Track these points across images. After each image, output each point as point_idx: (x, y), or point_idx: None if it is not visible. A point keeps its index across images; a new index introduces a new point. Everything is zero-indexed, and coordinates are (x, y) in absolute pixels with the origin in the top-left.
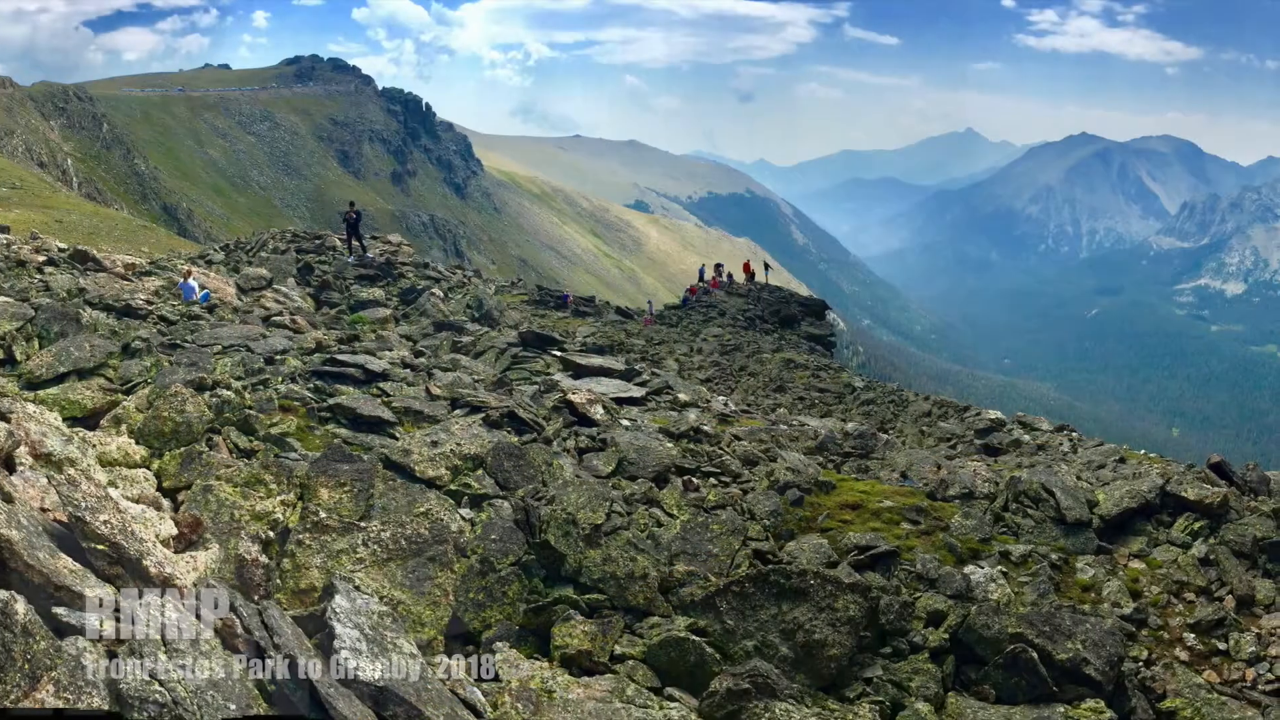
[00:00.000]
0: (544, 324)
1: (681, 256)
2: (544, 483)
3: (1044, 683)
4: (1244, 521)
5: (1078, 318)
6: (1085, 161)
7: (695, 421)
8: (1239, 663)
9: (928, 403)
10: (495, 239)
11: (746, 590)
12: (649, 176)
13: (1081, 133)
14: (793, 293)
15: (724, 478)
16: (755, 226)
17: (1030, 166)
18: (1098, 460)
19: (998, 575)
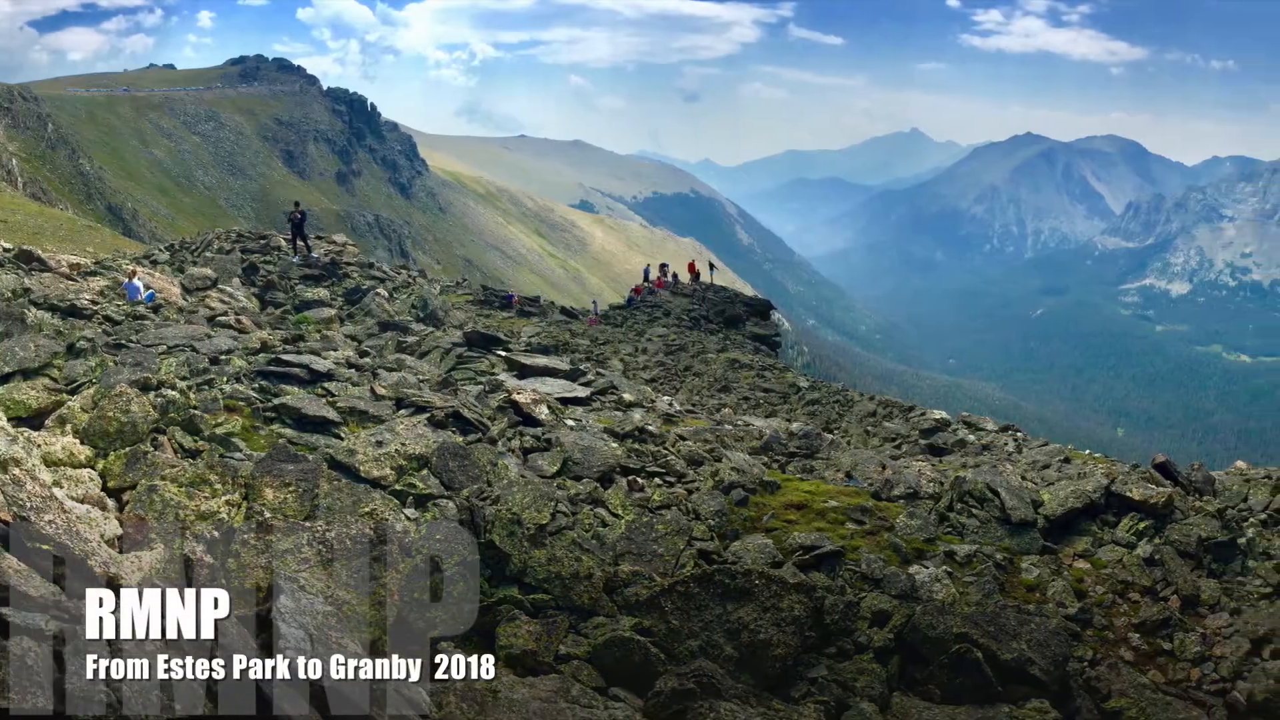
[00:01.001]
0: (489, 324)
1: (626, 256)
2: (489, 483)
3: (989, 683)
4: (1189, 521)
5: (1023, 318)
6: (1030, 161)
7: (640, 421)
8: (1184, 663)
9: (873, 403)
10: (440, 239)
11: (691, 590)
12: (594, 176)
13: (1026, 133)
14: (737, 293)
15: (669, 478)
16: (700, 226)
17: (975, 166)
18: (1043, 460)
19: (943, 575)
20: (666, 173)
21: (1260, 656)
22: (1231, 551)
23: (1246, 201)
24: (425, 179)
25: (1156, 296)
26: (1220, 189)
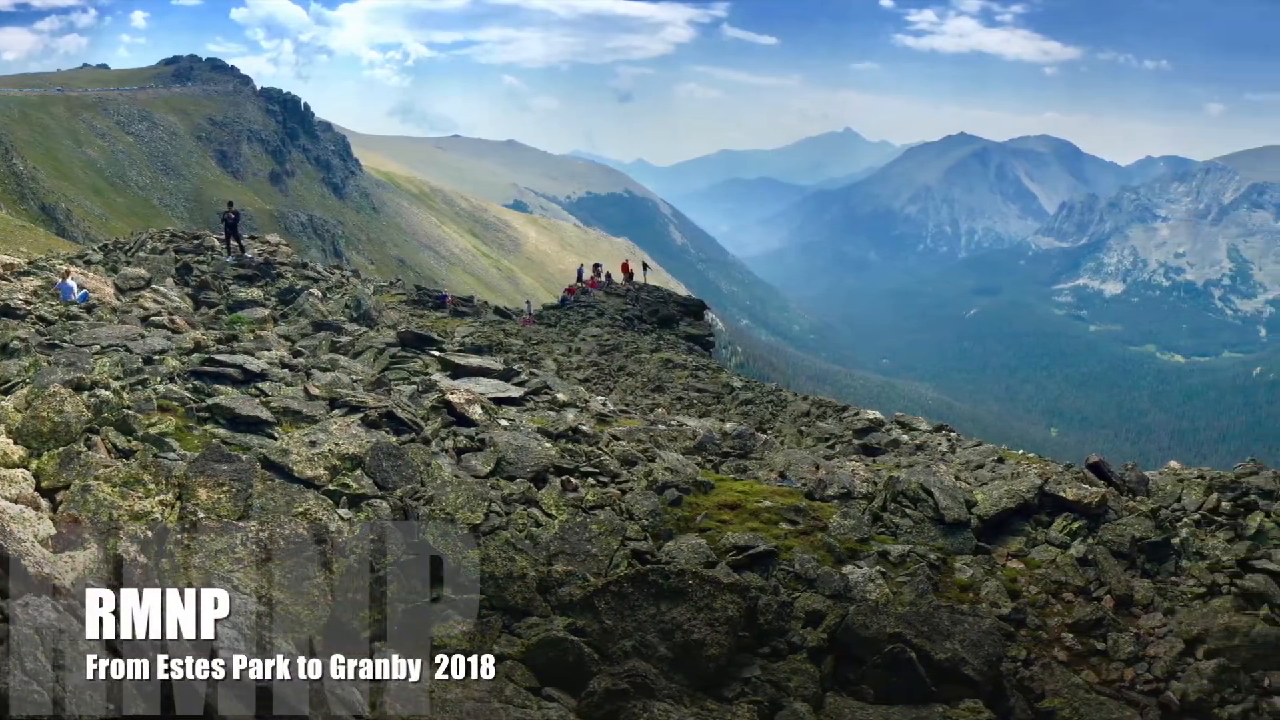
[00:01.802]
0: (422, 324)
1: (560, 256)
2: (422, 483)
3: (922, 682)
4: (1122, 521)
5: (956, 318)
6: (964, 161)
7: (574, 421)
8: (1118, 663)
9: (806, 403)
10: (374, 239)
11: (625, 590)
12: (528, 176)
13: (960, 133)
14: (671, 293)
15: (602, 478)
16: (634, 226)
17: (909, 166)
18: (976, 460)
19: (876, 575)
20: (601, 173)
21: (1194, 656)
22: (1165, 551)
23: (1180, 202)
24: (359, 179)
25: (1090, 296)
26: (1154, 189)
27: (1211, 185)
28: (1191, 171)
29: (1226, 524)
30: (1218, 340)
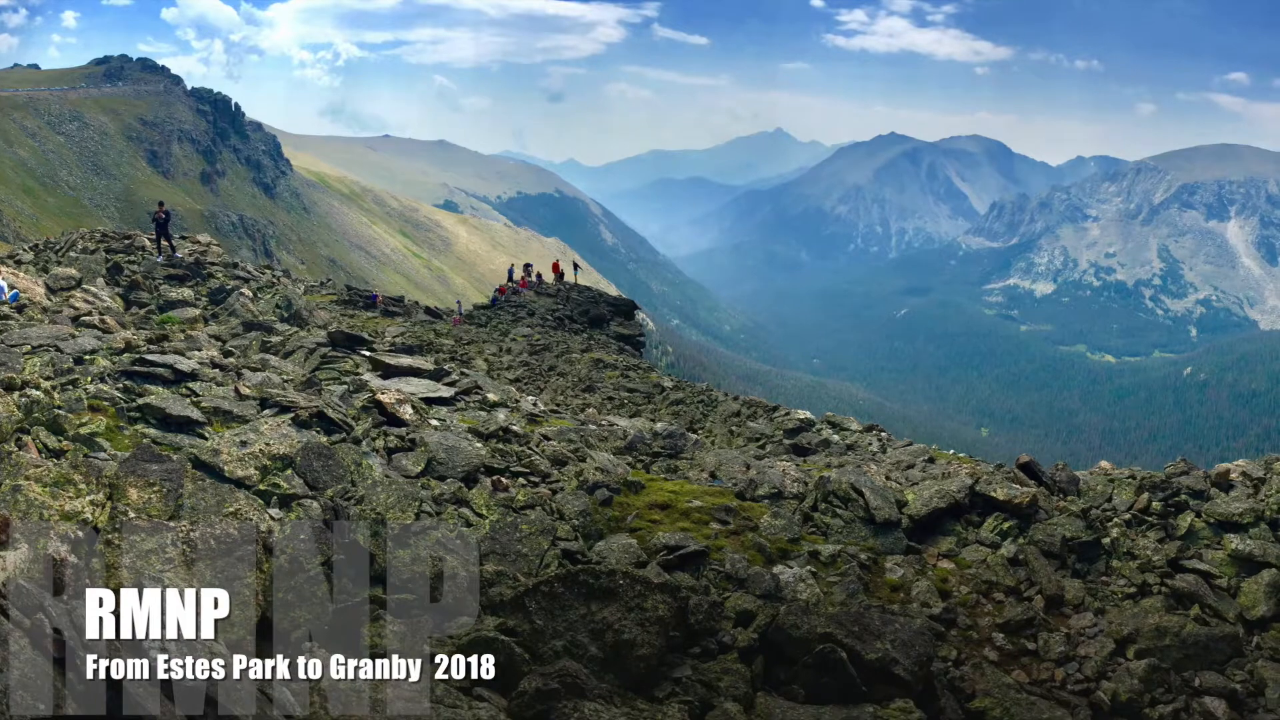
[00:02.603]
0: (353, 324)
1: (491, 256)
2: (353, 482)
3: (853, 682)
4: (1053, 521)
5: (887, 318)
6: (894, 161)
7: (504, 421)
8: (1048, 662)
9: (737, 403)
10: (305, 239)
11: (555, 590)
12: (458, 176)
13: (891, 133)
14: (602, 292)
15: (533, 478)
16: (565, 226)
17: (840, 166)
18: (907, 460)
19: (807, 575)
20: (531, 173)
21: (1124, 656)
22: (1096, 551)
23: (1110, 201)
24: (290, 179)
25: (1021, 296)
26: (1084, 189)
27: (1142, 185)
28: (1122, 171)
29: (1157, 524)
30: (1148, 340)
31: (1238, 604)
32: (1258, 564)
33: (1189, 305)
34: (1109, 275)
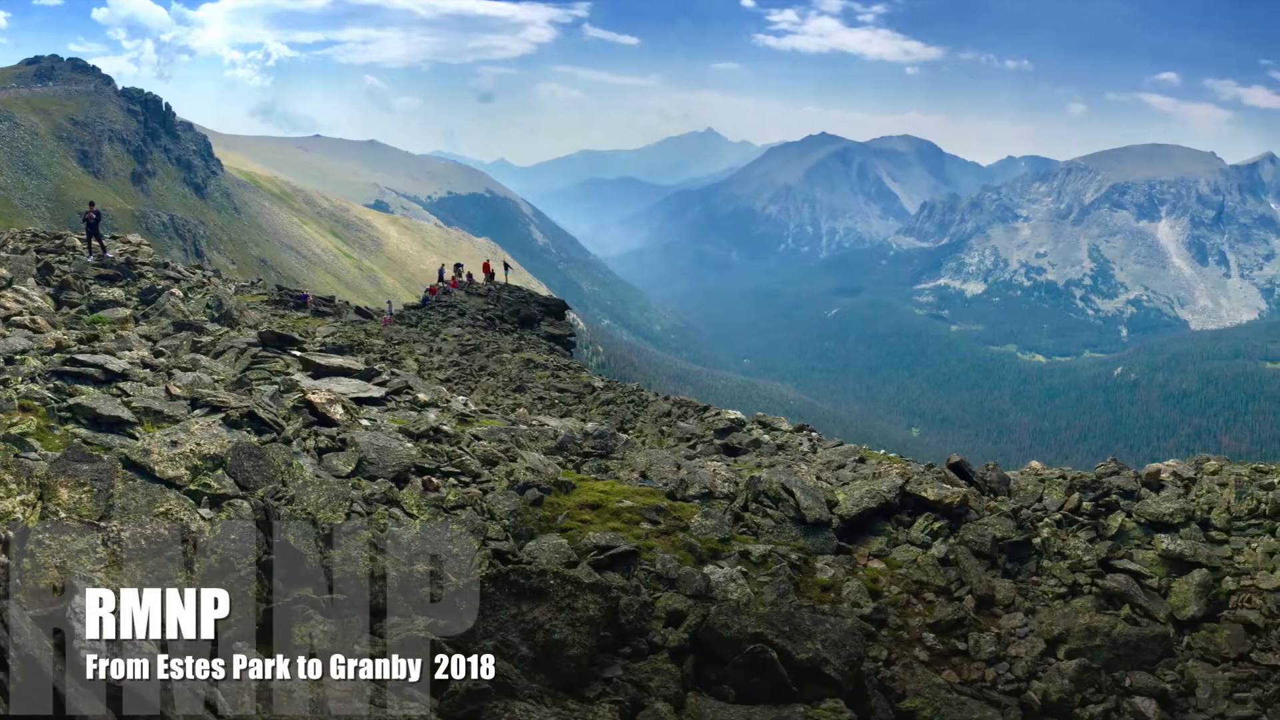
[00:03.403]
0: (284, 324)
1: (421, 256)
2: (284, 482)
3: (784, 683)
4: (983, 521)
5: (818, 318)
6: (825, 161)
7: (435, 421)
8: (978, 663)
9: (668, 403)
10: (235, 239)
11: (486, 590)
12: (389, 176)
13: (821, 133)
14: (532, 293)
15: (464, 478)
16: (495, 226)
17: (770, 166)
18: (837, 460)
19: (737, 575)
20: (462, 173)
21: (1055, 656)
22: (1026, 551)
23: (1041, 201)
24: (220, 179)
25: (951, 296)
26: (1015, 189)
27: (1073, 185)
28: (1053, 171)
29: (1087, 524)
30: (1079, 340)
31: (1168, 604)
32: (1188, 564)
33: (1120, 305)
34: (1040, 275)
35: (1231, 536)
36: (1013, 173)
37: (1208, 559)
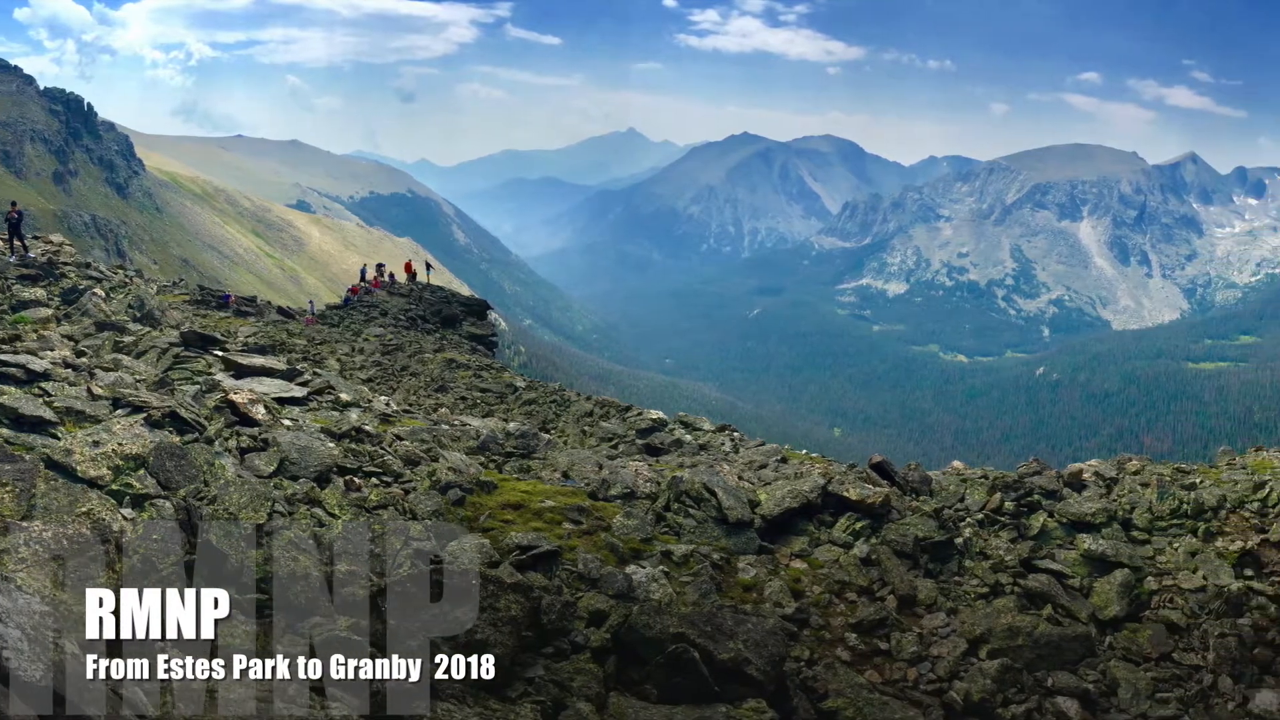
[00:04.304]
0: (206, 324)
1: (344, 256)
2: (206, 482)
3: (706, 682)
4: (906, 521)
5: (740, 318)
6: (747, 161)
7: (357, 421)
8: (901, 662)
9: (590, 403)
10: (157, 239)
11: (408, 590)
12: (311, 176)
13: (744, 132)
14: (454, 293)
15: (386, 478)
16: (417, 226)
17: (692, 166)
18: (760, 460)
19: (660, 575)
20: (384, 173)
21: (977, 656)
22: (948, 551)
23: (963, 201)
24: (142, 179)
25: (874, 296)
26: (937, 189)
27: (995, 185)
28: (975, 171)
29: (1009, 524)
30: (1001, 340)
31: (1090, 604)
32: (1110, 564)
33: (1042, 305)
34: (962, 275)
35: (1153, 536)
36: (935, 173)
37: (1130, 559)
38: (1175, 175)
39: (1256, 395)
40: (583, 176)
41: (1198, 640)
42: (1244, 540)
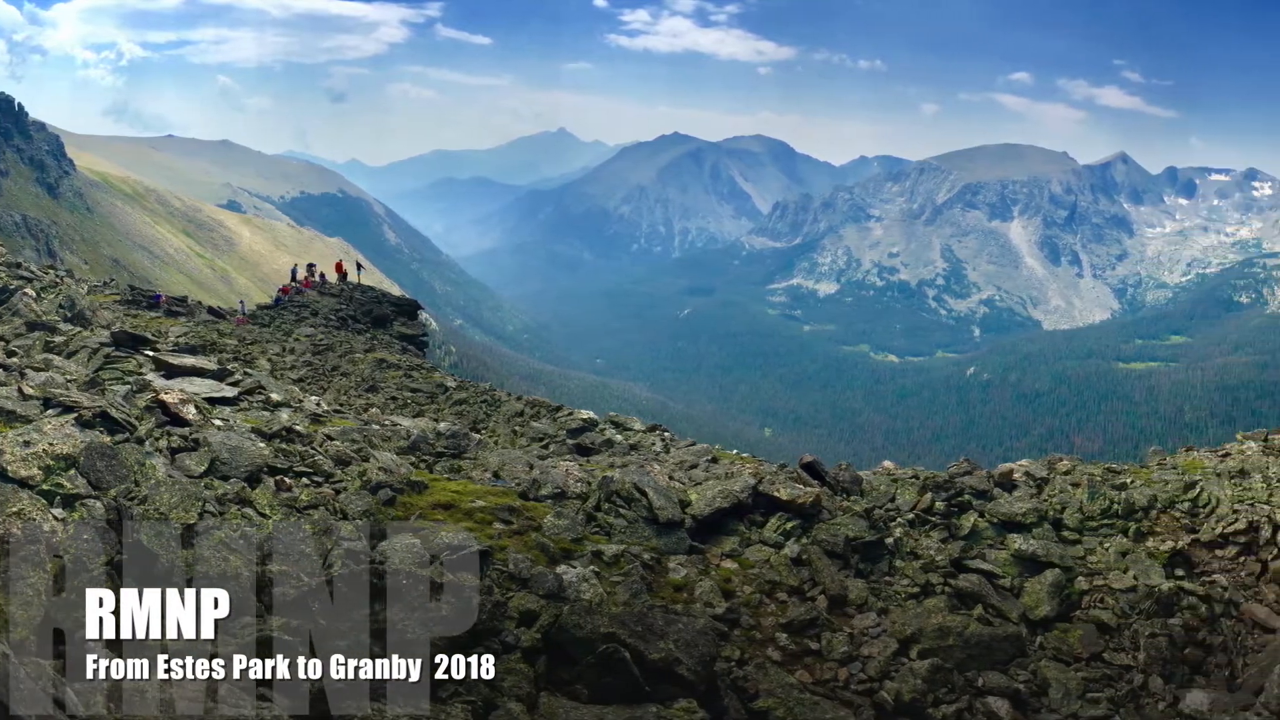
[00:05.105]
0: (137, 324)
1: (274, 256)
2: (136, 482)
3: (637, 683)
4: (836, 521)
5: (670, 318)
6: (677, 161)
7: (288, 421)
8: (831, 662)
9: (520, 402)
10: (88, 239)
11: (339, 590)
12: (242, 176)
13: (674, 132)
14: (385, 292)
15: (316, 477)
16: (348, 226)
17: (622, 166)
18: (690, 460)
19: (590, 575)
20: (314, 173)
21: (908, 656)
22: (879, 551)
23: (894, 201)
24: (73, 179)
25: (804, 296)
26: (868, 189)
27: (925, 185)
28: (905, 171)
29: (940, 524)
30: (931, 340)
31: (1021, 604)
32: (1041, 564)
33: (972, 305)
34: (892, 275)
35: (1084, 536)
36: (865, 173)
37: (1060, 559)
38: (1106, 175)
39: (1187, 395)
40: (513, 176)
41: (1128, 640)
42: (1175, 540)
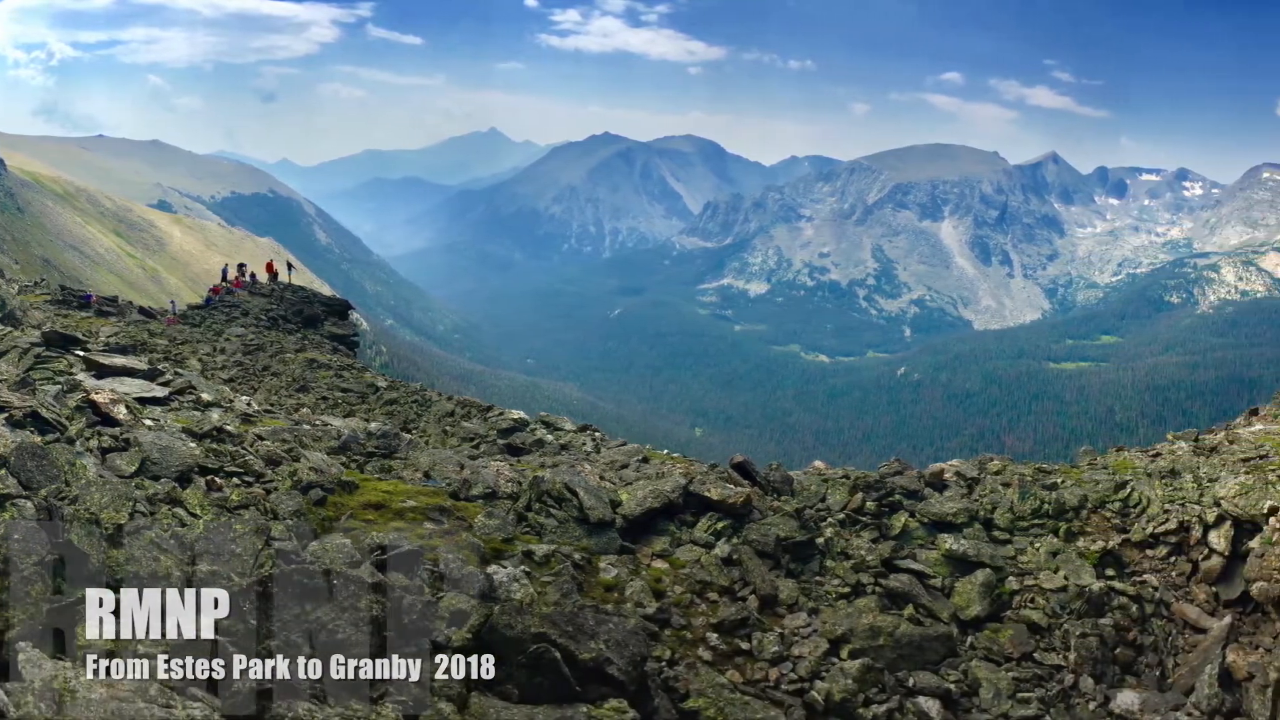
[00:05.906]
0: (67, 324)
1: (205, 256)
2: (67, 482)
3: (567, 683)
4: (767, 521)
5: (601, 318)
6: (608, 161)
7: (218, 421)
8: (762, 662)
9: (451, 403)
10: (18, 239)
11: (270, 590)
12: (172, 176)
13: (605, 132)
14: (316, 292)
15: (247, 477)
16: (279, 226)
17: (553, 166)
18: (621, 460)
19: (521, 575)
20: (245, 173)
21: (838, 656)
22: (810, 551)
23: (824, 201)
24: (3, 179)
25: (735, 296)
26: (798, 189)
27: (856, 185)
28: (836, 171)
29: (871, 524)
30: (862, 340)
31: (952, 604)
32: (971, 564)
33: (903, 305)
34: (823, 275)
35: (1015, 536)
36: (796, 172)
37: (991, 559)
38: (1037, 175)
39: (1117, 395)
40: (444, 176)
41: (1059, 640)
42: (1105, 540)
